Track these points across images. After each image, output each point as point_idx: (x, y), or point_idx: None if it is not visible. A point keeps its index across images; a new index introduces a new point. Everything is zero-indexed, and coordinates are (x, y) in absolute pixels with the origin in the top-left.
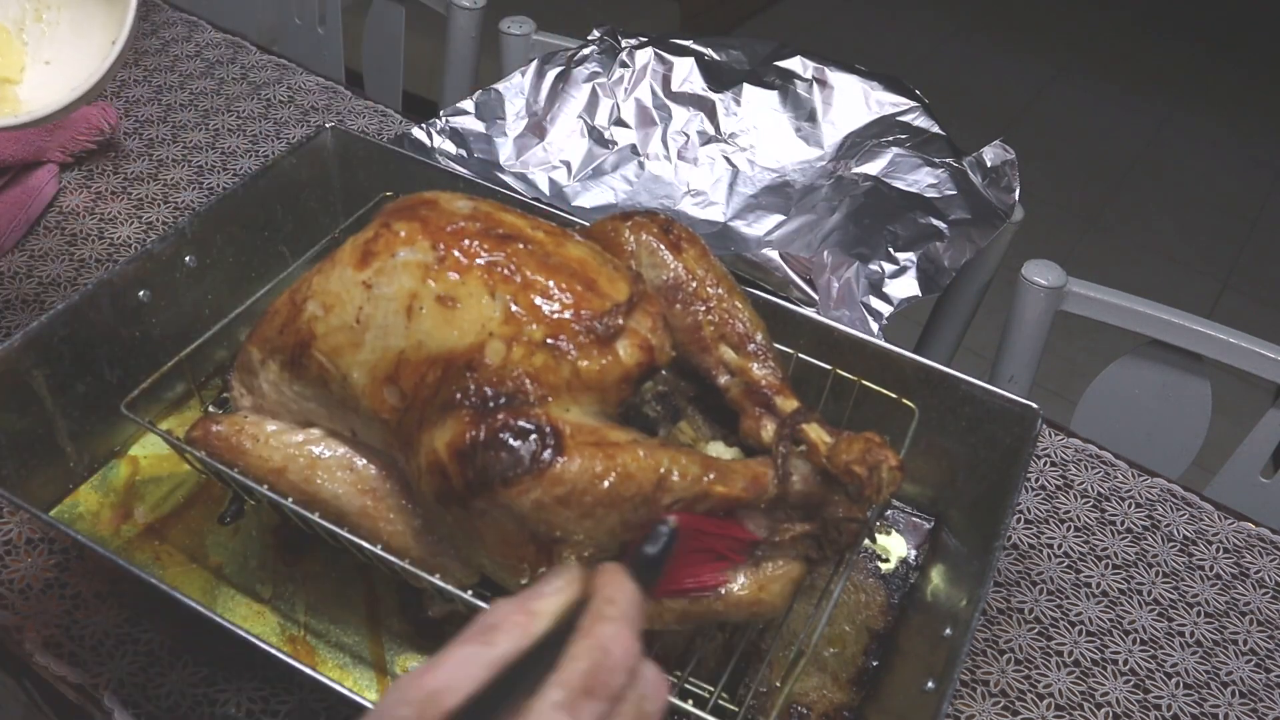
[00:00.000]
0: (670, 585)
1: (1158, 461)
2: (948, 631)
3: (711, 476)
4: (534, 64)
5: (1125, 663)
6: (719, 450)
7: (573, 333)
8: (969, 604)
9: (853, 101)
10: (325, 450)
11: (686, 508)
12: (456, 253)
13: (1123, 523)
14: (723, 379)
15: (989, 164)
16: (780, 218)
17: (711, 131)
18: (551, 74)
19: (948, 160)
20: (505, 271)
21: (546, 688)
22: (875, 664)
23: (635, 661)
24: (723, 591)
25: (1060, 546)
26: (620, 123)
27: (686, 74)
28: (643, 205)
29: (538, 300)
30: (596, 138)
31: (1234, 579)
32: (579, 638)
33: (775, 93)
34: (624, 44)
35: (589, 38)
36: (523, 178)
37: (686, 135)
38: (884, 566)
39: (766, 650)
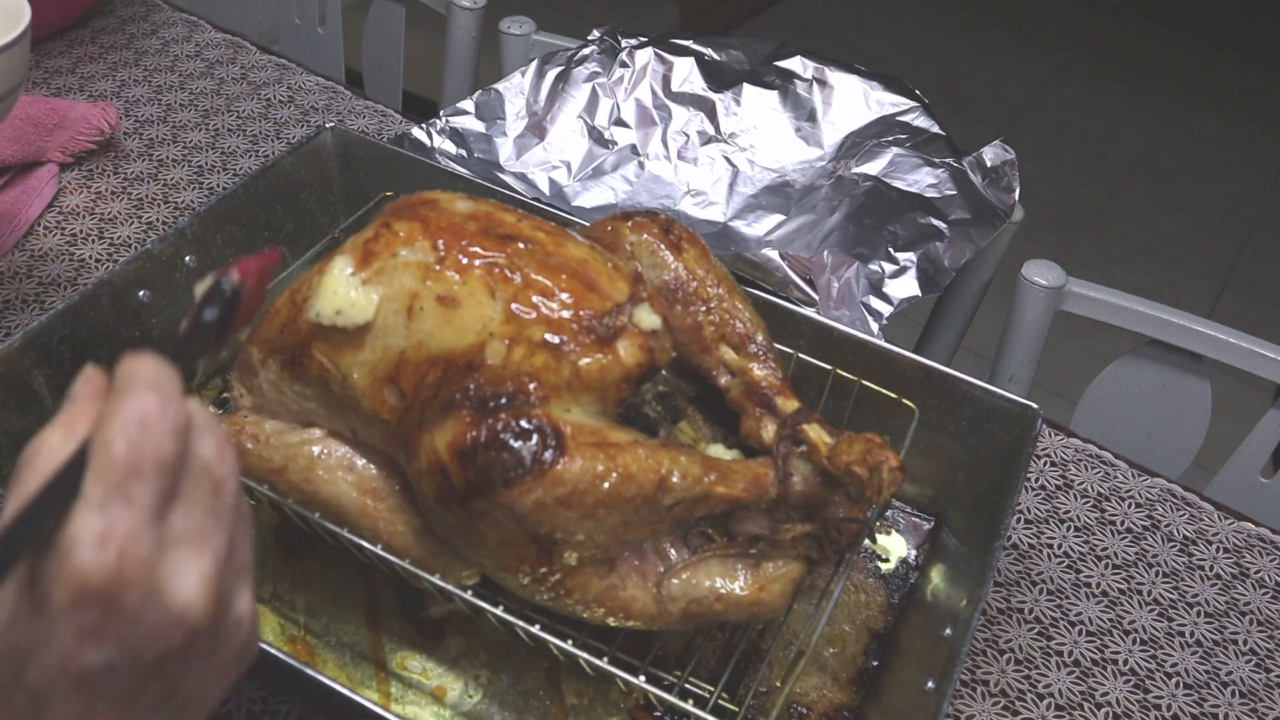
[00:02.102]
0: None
1: (1158, 461)
2: (948, 631)
3: (712, 477)
4: (534, 64)
5: (1125, 663)
6: (719, 451)
7: (573, 333)
8: (969, 604)
9: (853, 101)
10: (325, 450)
11: (688, 509)
12: (457, 253)
13: (1123, 523)
14: (723, 379)
15: (989, 164)
16: (780, 218)
17: (711, 131)
18: (551, 74)
19: (948, 160)
20: (505, 271)
21: (85, 487)
22: (875, 664)
23: (180, 423)
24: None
25: (1060, 546)
26: (620, 123)
27: (686, 74)
28: (643, 205)
29: (538, 300)
30: (596, 138)
31: (1234, 579)
32: (102, 424)
33: (775, 93)
34: (624, 44)
35: (589, 38)
36: (523, 178)
37: (686, 135)
38: (884, 566)
39: (766, 650)
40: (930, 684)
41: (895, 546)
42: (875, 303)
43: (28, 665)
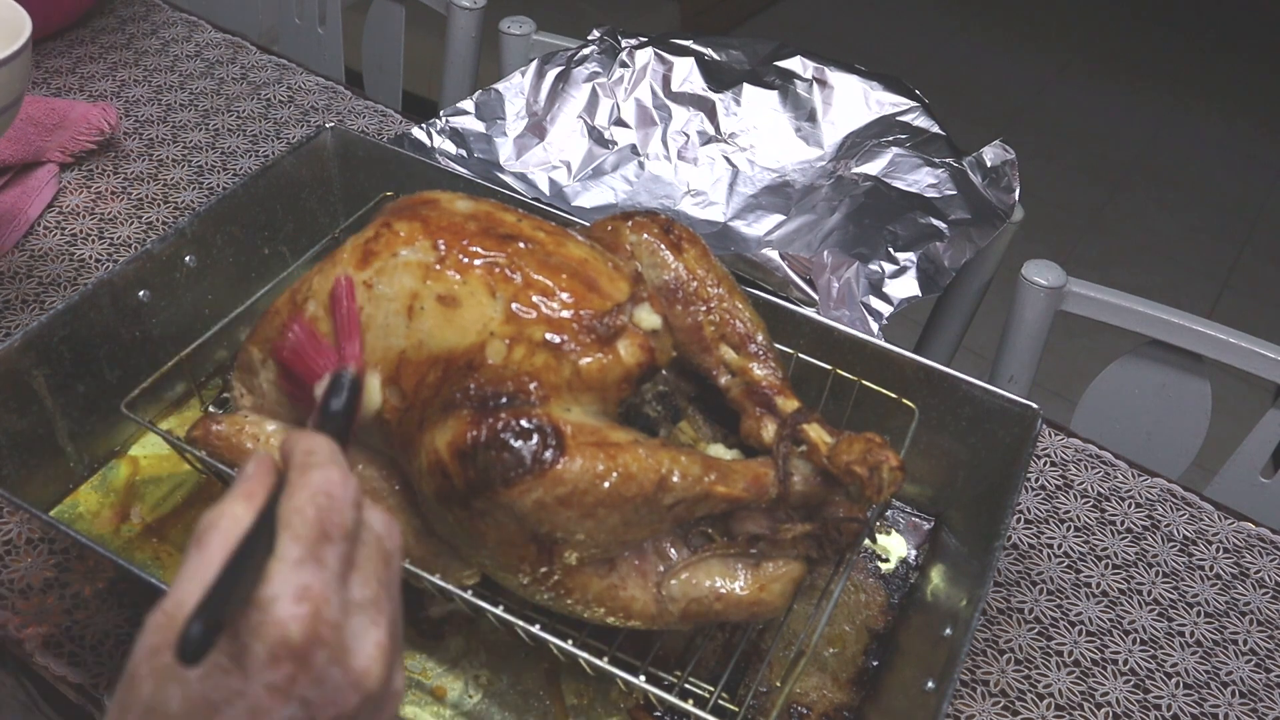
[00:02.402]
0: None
1: (1158, 461)
2: (948, 631)
3: (712, 477)
4: (534, 64)
5: (1125, 663)
6: (719, 451)
7: (574, 332)
8: (969, 604)
9: (853, 101)
10: None
11: (688, 509)
12: (457, 252)
13: (1123, 523)
14: (723, 379)
15: (989, 164)
16: (780, 218)
17: (711, 131)
18: (551, 74)
19: (948, 160)
20: (506, 271)
21: (280, 548)
22: (875, 664)
23: (358, 497)
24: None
25: (1060, 546)
26: (620, 123)
27: (686, 74)
28: (643, 205)
29: (538, 300)
30: (596, 138)
31: (1234, 579)
32: (292, 493)
33: (775, 93)
34: (624, 44)
35: (589, 38)
36: (523, 178)
37: (686, 135)
38: (884, 566)
39: (766, 650)
40: (930, 684)
41: (895, 546)
42: (875, 303)
43: (217, 717)
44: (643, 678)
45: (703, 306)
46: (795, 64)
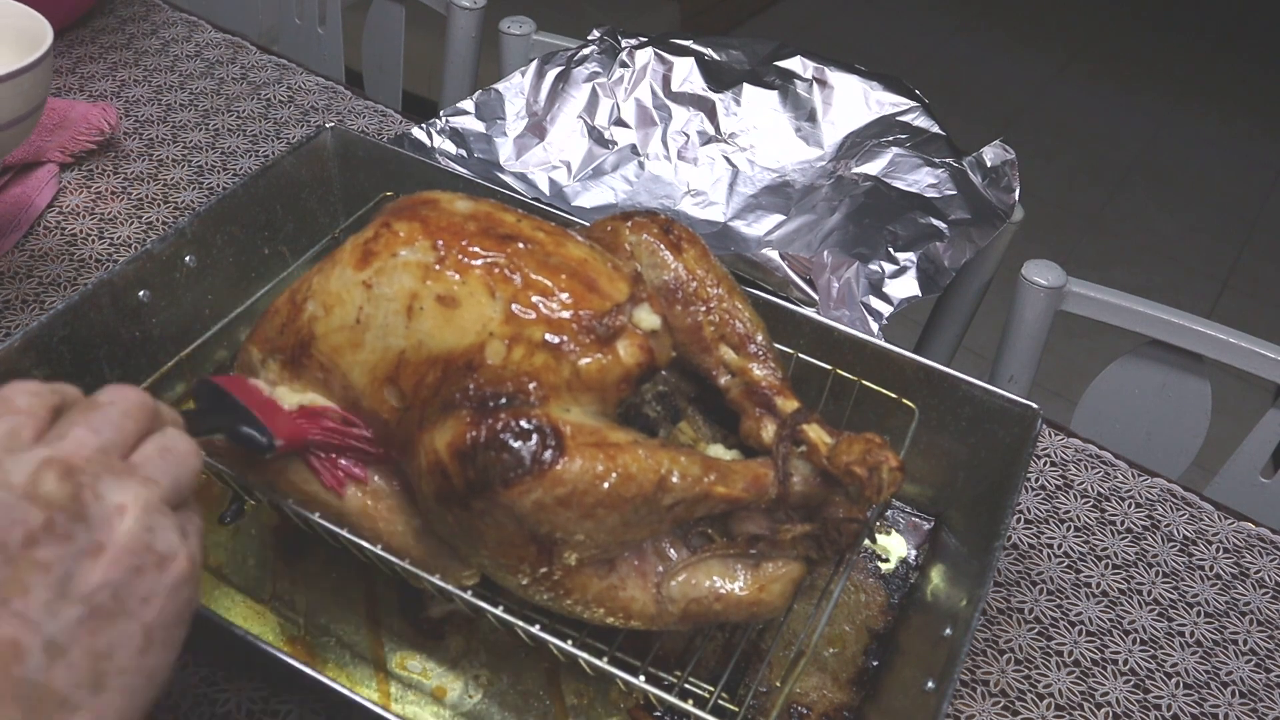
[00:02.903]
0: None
1: (1158, 461)
2: (948, 631)
3: (712, 477)
4: (534, 64)
5: (1125, 663)
6: (719, 451)
7: (573, 332)
8: (969, 604)
9: (853, 101)
10: None
11: (687, 509)
12: (457, 252)
13: (1123, 523)
14: (723, 379)
15: (989, 164)
16: (780, 218)
17: (711, 131)
18: (551, 74)
19: (948, 160)
20: (505, 271)
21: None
22: (875, 664)
23: (36, 387)
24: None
25: (1060, 546)
26: (620, 123)
27: (686, 74)
28: (643, 205)
29: (538, 300)
30: (596, 138)
31: (1234, 579)
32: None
33: (775, 93)
34: (624, 44)
35: (589, 38)
36: (523, 178)
37: (686, 135)
38: (884, 566)
39: (766, 650)
40: (930, 684)
41: (895, 546)
42: (875, 303)
43: None
44: (643, 678)
45: (702, 307)
46: (795, 64)
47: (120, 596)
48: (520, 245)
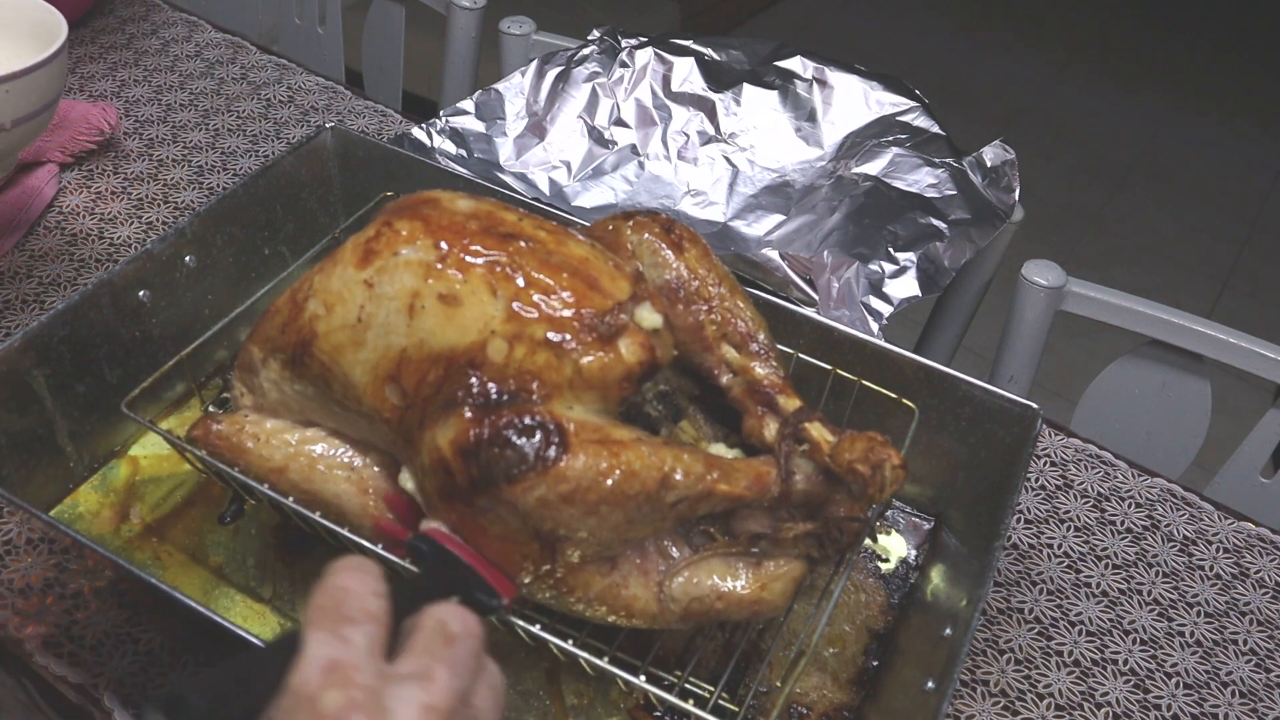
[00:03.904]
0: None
1: (1158, 461)
2: (948, 631)
3: (715, 475)
4: (534, 64)
5: (1125, 663)
6: (721, 450)
7: (575, 331)
8: (969, 604)
9: (853, 101)
10: (326, 449)
11: (690, 507)
12: (458, 251)
13: (1123, 523)
14: (725, 378)
15: (989, 164)
16: (780, 218)
17: (711, 131)
18: (551, 74)
19: (948, 160)
20: (507, 270)
21: (306, 640)
22: (875, 664)
23: (378, 587)
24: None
25: (1060, 546)
26: (620, 123)
27: (686, 74)
28: (643, 205)
29: (540, 298)
30: (596, 138)
31: (1234, 579)
32: (313, 598)
33: (775, 93)
34: (624, 44)
35: (589, 38)
36: (523, 178)
37: (686, 135)
38: (884, 566)
39: (766, 650)
40: (930, 684)
41: (895, 546)
42: (875, 303)
43: None
44: (643, 677)
45: (704, 306)
46: (795, 64)
47: None
48: (522, 244)
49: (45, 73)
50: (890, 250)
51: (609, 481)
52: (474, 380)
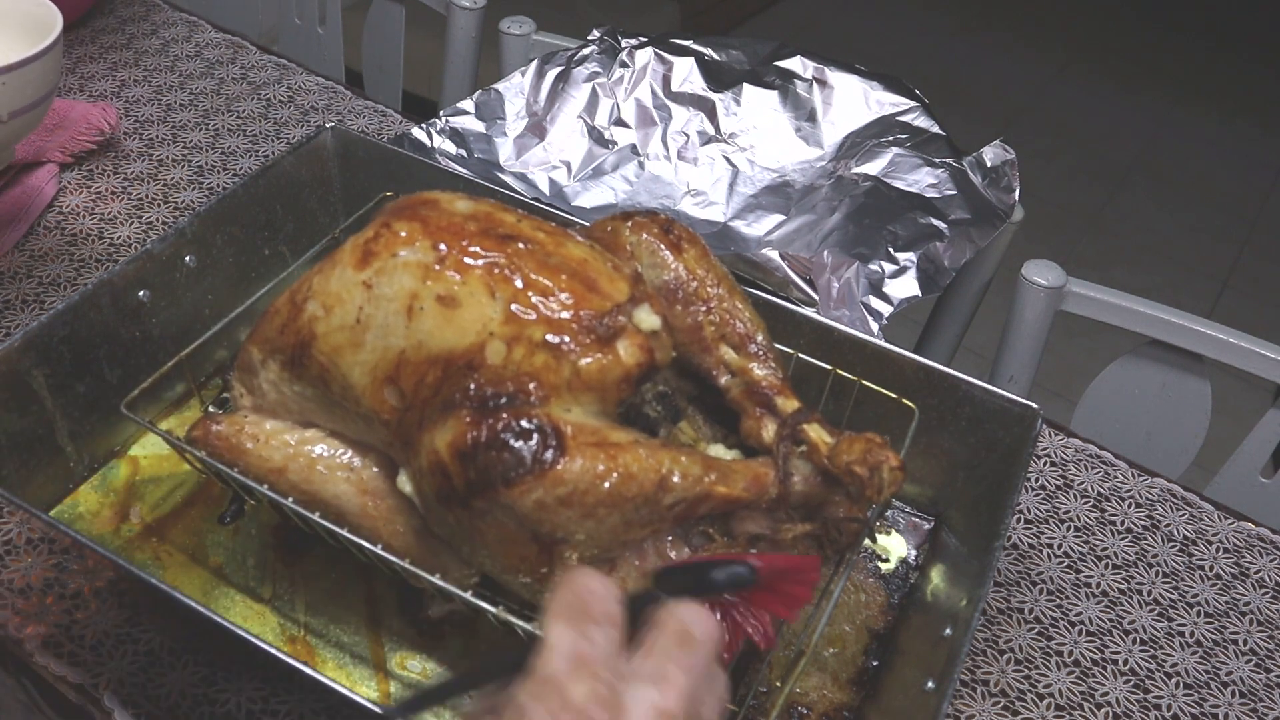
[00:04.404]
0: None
1: (1158, 461)
2: (948, 631)
3: (713, 477)
4: (534, 64)
5: (1125, 663)
6: (719, 451)
7: (573, 333)
8: (969, 604)
9: (853, 101)
10: (325, 450)
11: (688, 508)
12: (457, 253)
13: (1123, 523)
14: (723, 379)
15: (989, 164)
16: (780, 218)
17: (711, 131)
18: (551, 74)
19: (948, 160)
20: (506, 271)
21: (548, 630)
22: (875, 664)
23: (619, 594)
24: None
25: (1060, 546)
26: (620, 123)
27: (686, 74)
28: (643, 205)
29: (538, 300)
30: (596, 138)
31: (1234, 579)
32: (555, 594)
33: (775, 93)
34: (624, 44)
35: (589, 38)
36: (523, 178)
37: (686, 135)
38: (884, 566)
39: (766, 650)
40: (930, 684)
41: (895, 546)
42: (875, 303)
43: None
44: None
45: (703, 306)
46: (795, 64)
47: None
48: (520, 245)
49: (41, 65)
50: (890, 250)
51: (606, 484)
52: (472, 382)
